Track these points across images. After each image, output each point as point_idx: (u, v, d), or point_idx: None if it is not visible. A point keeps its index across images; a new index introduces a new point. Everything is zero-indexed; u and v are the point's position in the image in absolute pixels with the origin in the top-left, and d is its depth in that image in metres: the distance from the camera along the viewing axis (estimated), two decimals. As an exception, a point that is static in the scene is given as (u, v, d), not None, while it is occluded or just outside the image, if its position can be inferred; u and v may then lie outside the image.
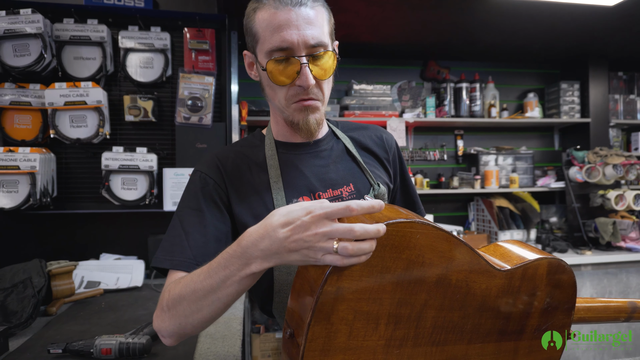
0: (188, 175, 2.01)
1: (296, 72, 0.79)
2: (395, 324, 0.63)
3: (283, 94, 0.83)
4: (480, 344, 0.72)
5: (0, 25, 1.82)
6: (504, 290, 0.72)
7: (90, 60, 1.99)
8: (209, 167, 0.89)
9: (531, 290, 0.75)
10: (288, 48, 0.78)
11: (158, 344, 1.21)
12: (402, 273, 0.62)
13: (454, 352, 0.70)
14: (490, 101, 3.22)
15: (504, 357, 0.75)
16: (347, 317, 0.60)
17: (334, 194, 0.90)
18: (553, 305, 0.78)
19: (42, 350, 1.18)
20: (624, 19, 2.47)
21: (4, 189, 1.84)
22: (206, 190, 0.86)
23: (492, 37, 2.83)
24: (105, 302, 1.66)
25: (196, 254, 0.80)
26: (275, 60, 0.79)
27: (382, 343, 0.63)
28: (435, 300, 0.65)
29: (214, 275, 0.67)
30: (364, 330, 0.61)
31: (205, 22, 2.09)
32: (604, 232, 2.93)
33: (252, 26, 0.82)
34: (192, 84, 2.06)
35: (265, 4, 0.80)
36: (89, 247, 2.06)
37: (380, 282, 0.61)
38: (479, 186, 3.14)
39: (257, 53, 0.84)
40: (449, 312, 0.67)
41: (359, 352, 0.62)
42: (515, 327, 0.75)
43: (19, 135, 1.94)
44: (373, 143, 1.01)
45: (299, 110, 0.84)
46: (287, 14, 0.77)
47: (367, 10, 2.30)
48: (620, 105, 3.42)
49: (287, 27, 0.77)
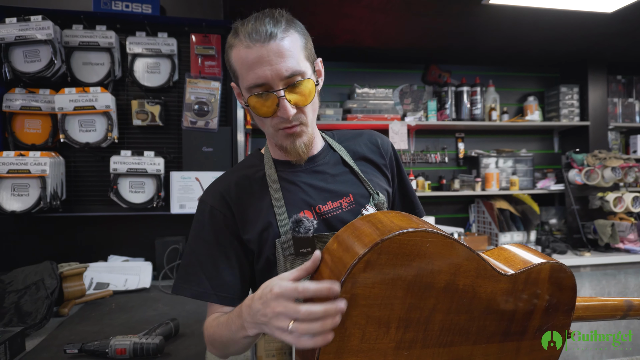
0: (195, 178, 2.06)
1: (276, 105, 0.82)
2: (405, 328, 0.67)
3: (268, 123, 0.87)
4: (485, 344, 0.76)
5: (11, 32, 1.86)
6: (508, 294, 0.76)
7: (99, 65, 2.02)
8: (214, 198, 0.93)
9: (533, 293, 0.79)
10: (264, 84, 0.81)
11: (170, 344, 1.25)
12: (413, 280, 0.65)
13: (460, 353, 0.73)
14: (491, 104, 3.26)
15: (506, 356, 0.79)
16: (360, 322, 0.63)
17: (334, 206, 0.92)
18: (554, 307, 0.82)
19: (59, 350, 1.21)
20: (623, 24, 2.51)
21: (15, 192, 1.88)
22: (215, 222, 0.91)
23: (493, 42, 2.87)
24: (115, 303, 1.69)
25: (213, 284, 0.89)
26: (255, 96, 0.82)
27: (392, 345, 0.66)
28: (444, 304, 0.69)
29: (229, 328, 0.78)
30: (375, 334, 0.65)
31: (211, 28, 2.12)
32: (602, 234, 2.97)
33: (230, 63, 0.86)
34: (198, 89, 2.10)
35: (238, 41, 0.82)
36: (97, 249, 2.09)
37: (391, 289, 0.64)
38: (480, 188, 3.18)
39: (240, 87, 0.88)
40: (455, 316, 0.70)
41: (371, 354, 0.65)
42: (518, 327, 0.79)
43: (29, 140, 1.97)
44: (369, 150, 1.03)
45: (285, 136, 0.87)
46: (259, 51, 0.79)
47: (370, 16, 2.34)
48: (619, 109, 3.47)
49: (259, 64, 0.79)
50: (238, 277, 0.91)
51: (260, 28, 0.80)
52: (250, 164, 0.99)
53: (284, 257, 0.86)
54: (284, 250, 0.86)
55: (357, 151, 1.02)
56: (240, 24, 0.84)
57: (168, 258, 2.03)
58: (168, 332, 1.28)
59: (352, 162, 0.99)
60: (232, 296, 0.90)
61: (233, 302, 0.89)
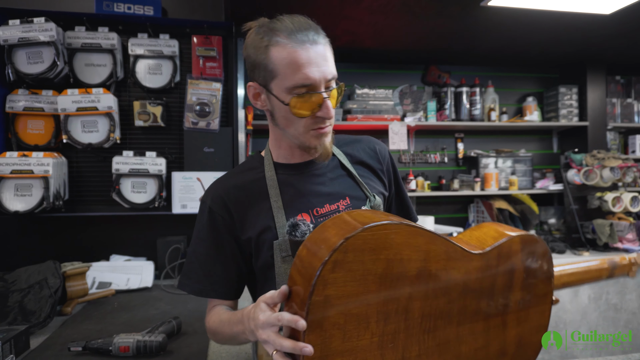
0: (196, 179, 2.08)
1: (317, 105, 0.85)
2: (385, 320, 0.67)
3: (302, 123, 0.87)
4: (469, 324, 0.77)
5: (15, 34, 1.88)
6: (483, 271, 0.77)
7: (101, 67, 2.04)
8: (213, 200, 0.95)
9: (508, 266, 0.81)
10: (311, 84, 0.83)
11: (173, 342, 1.27)
12: (384, 272, 0.66)
13: (446, 336, 0.74)
14: (490, 105, 3.28)
15: (494, 332, 0.80)
16: (339, 321, 0.64)
17: (331, 208, 0.95)
18: (532, 277, 0.84)
19: (63, 348, 1.23)
20: (621, 26, 2.53)
21: (19, 192, 1.90)
22: (213, 223, 0.95)
23: (492, 43, 2.89)
24: (117, 302, 1.71)
25: (211, 281, 0.95)
26: (297, 96, 0.84)
27: (375, 340, 0.67)
28: (419, 291, 0.70)
29: (232, 328, 0.84)
30: (356, 331, 0.65)
31: (212, 30, 2.14)
32: (601, 234, 2.99)
33: (266, 62, 0.84)
34: (199, 90, 2.12)
35: (279, 41, 0.83)
36: (99, 249, 2.11)
37: (364, 285, 0.65)
38: (479, 188, 3.20)
39: (271, 87, 0.87)
40: (434, 300, 0.72)
41: (356, 352, 0.65)
42: (500, 302, 0.80)
43: (32, 140, 1.99)
44: (367, 156, 1.05)
45: (316, 137, 0.90)
46: (307, 52, 0.82)
47: (370, 17, 2.36)
48: (618, 109, 3.48)
49: (308, 65, 0.82)
50: (234, 275, 0.97)
51: (304, 31, 0.83)
52: (251, 166, 1.01)
53: (281, 259, 0.89)
54: (282, 251, 0.89)
55: (355, 155, 1.04)
56: (271, 23, 0.86)
57: (170, 257, 2.04)
58: (171, 330, 1.30)
59: (350, 166, 1.01)
60: (228, 291, 0.97)
61: (229, 296, 0.97)
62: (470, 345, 0.78)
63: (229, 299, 0.98)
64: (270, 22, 0.86)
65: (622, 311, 2.92)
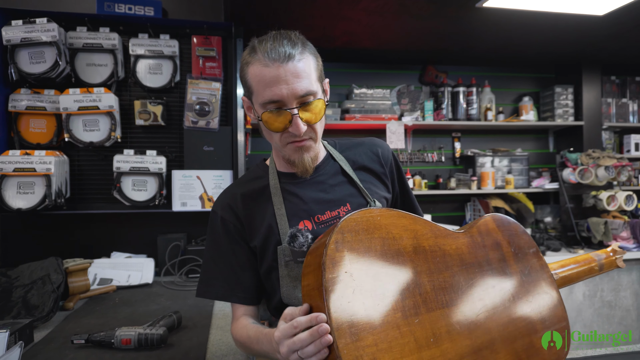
0: (196, 177, 2.11)
1: (288, 121, 0.88)
2: (400, 295, 0.70)
3: (278, 137, 0.92)
4: (483, 296, 0.80)
5: (17, 34, 1.91)
6: (473, 246, 0.83)
7: (102, 66, 2.07)
8: (223, 210, 1.00)
9: (493, 240, 0.87)
10: (279, 101, 0.86)
11: (174, 335, 1.30)
12: (382, 249, 0.71)
13: (465, 309, 0.76)
14: (487, 105, 3.32)
15: (512, 305, 0.83)
16: (358, 297, 0.66)
17: (332, 215, 0.98)
18: (519, 249, 0.90)
19: (66, 341, 1.26)
20: (615, 26, 2.57)
21: (21, 190, 1.92)
22: (227, 231, 1.00)
23: (488, 43, 2.92)
24: (119, 298, 1.74)
25: (232, 287, 0.99)
26: (269, 112, 0.88)
27: (399, 315, 0.68)
28: (422, 266, 0.74)
29: (260, 345, 0.86)
30: (375, 305, 0.66)
31: (212, 30, 2.17)
32: (596, 232, 3.02)
33: (246, 79, 0.90)
34: (199, 90, 2.15)
35: (256, 59, 0.87)
36: (100, 246, 2.14)
37: (369, 261, 0.70)
38: (476, 187, 3.24)
39: (252, 102, 0.93)
40: (439, 275, 0.76)
41: (384, 327, 0.65)
42: (503, 274, 0.85)
43: (34, 139, 2.02)
44: (369, 160, 1.08)
45: (294, 150, 0.93)
46: (277, 70, 0.84)
47: (368, 18, 2.39)
48: (613, 109, 3.52)
49: (276, 83, 0.85)
50: (252, 278, 1.01)
51: (279, 49, 0.85)
52: (255, 175, 1.06)
53: (285, 262, 0.94)
54: (285, 256, 0.94)
55: (356, 161, 1.07)
56: (257, 42, 0.89)
57: (170, 255, 2.07)
58: (171, 324, 1.33)
59: (352, 172, 1.04)
60: (249, 296, 1.01)
61: (251, 301, 1.01)
62: (495, 320, 0.79)
63: (251, 304, 1.01)
64: (257, 41, 0.89)
65: (617, 308, 2.96)
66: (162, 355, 1.15)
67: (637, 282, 3.00)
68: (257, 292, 1.02)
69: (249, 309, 1.01)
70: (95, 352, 1.18)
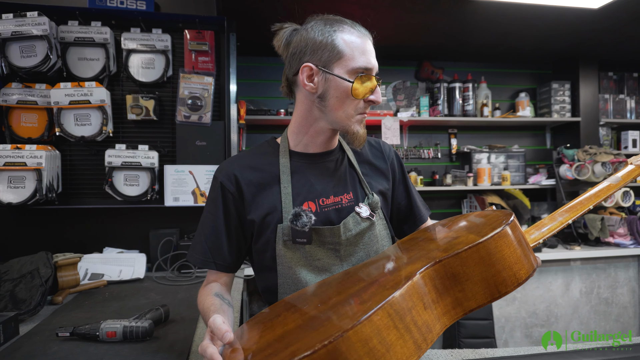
0: (188, 172, 2.10)
1: (370, 90, 0.94)
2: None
3: (354, 105, 0.95)
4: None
5: (8, 28, 1.90)
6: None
7: (94, 61, 2.06)
8: (226, 177, 1.01)
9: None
10: (371, 69, 0.94)
11: (160, 328, 1.29)
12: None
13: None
14: (483, 101, 3.30)
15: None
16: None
17: (335, 200, 1.01)
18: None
19: (51, 334, 1.25)
20: (610, 20, 2.55)
21: (12, 184, 1.92)
22: (223, 199, 1.01)
23: (484, 38, 2.91)
24: (108, 293, 1.73)
25: (214, 254, 1.01)
26: (359, 77, 0.92)
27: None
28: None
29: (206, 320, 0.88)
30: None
31: (205, 24, 2.16)
32: (592, 228, 3.01)
33: (335, 44, 0.92)
34: (192, 84, 2.14)
35: (346, 29, 0.93)
36: (92, 241, 2.13)
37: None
38: (472, 183, 3.22)
39: (332, 67, 0.93)
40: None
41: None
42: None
43: (25, 133, 2.01)
44: (373, 156, 1.12)
45: (360, 121, 0.97)
46: (368, 43, 0.95)
47: (361, 12, 2.38)
48: (610, 105, 3.50)
49: (370, 53, 0.94)
50: (234, 250, 1.03)
51: (359, 27, 0.96)
52: (266, 150, 1.06)
53: (282, 242, 0.95)
54: (284, 235, 0.95)
55: (362, 155, 1.11)
56: (329, 17, 0.96)
57: (162, 250, 2.06)
58: (158, 317, 1.32)
59: (357, 164, 1.08)
60: (227, 265, 1.03)
61: (227, 269, 1.04)
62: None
63: (226, 272, 1.04)
64: (328, 17, 0.96)
65: (614, 305, 2.95)
66: (147, 348, 1.14)
67: (634, 279, 2.98)
68: (237, 262, 1.04)
69: (222, 276, 1.04)
70: (80, 344, 1.17)
